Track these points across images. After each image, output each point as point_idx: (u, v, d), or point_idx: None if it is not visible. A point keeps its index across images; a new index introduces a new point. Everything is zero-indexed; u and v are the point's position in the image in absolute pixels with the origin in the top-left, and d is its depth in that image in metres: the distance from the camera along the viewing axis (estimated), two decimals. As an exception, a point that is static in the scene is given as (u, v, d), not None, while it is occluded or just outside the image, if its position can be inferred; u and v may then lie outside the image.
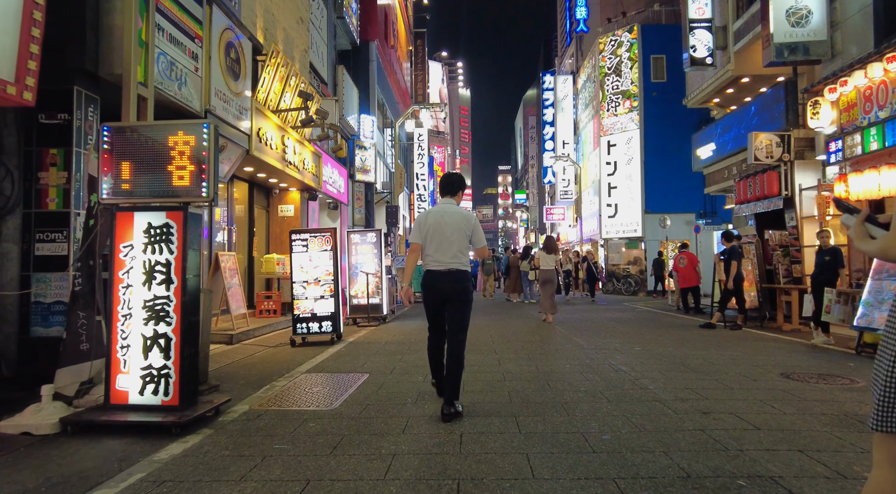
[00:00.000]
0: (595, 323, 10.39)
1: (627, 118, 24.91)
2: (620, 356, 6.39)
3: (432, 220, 4.10)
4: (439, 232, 4.05)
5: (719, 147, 14.04)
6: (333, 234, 7.88)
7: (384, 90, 21.88)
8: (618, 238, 24.88)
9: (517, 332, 8.92)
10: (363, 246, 10.86)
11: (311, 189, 11.02)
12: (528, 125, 56.09)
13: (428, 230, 4.09)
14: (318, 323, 7.80)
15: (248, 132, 7.60)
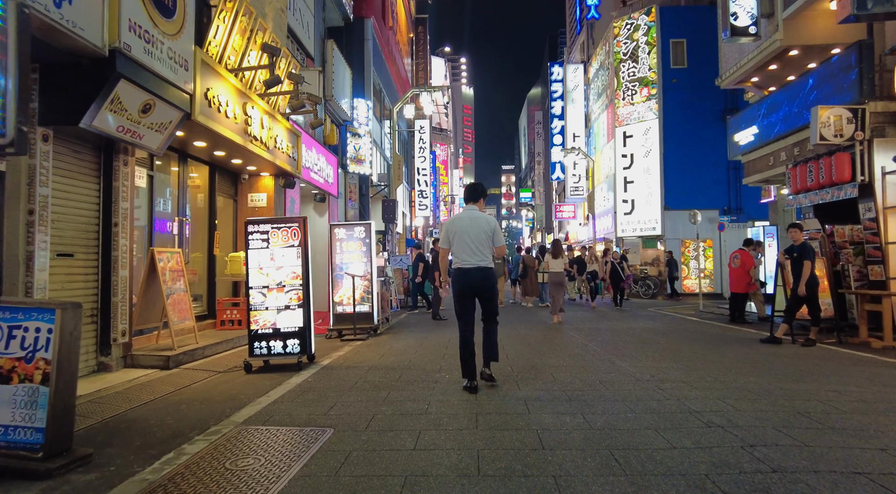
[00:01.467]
0: (631, 336, 8.53)
1: (645, 107, 23.07)
2: (694, 392, 4.55)
3: (458, 225, 4.79)
4: (465, 234, 4.71)
5: (763, 130, 12.17)
6: (303, 226, 6.06)
7: (381, 75, 20.08)
8: (635, 236, 23.02)
9: (539, 349, 7.08)
10: (350, 242, 9.04)
11: (287, 174, 9.21)
12: (535, 120, 54.29)
13: (455, 234, 4.78)
14: (281, 342, 5.97)
15: (191, 91, 5.78)
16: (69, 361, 3.00)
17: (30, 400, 2.93)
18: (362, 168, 16.23)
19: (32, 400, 2.93)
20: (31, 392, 2.94)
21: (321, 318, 10.39)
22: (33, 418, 2.92)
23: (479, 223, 4.78)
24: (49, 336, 2.96)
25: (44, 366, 2.95)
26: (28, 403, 2.93)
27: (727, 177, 22.71)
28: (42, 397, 2.92)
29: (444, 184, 48.60)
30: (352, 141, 16.02)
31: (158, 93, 5.15)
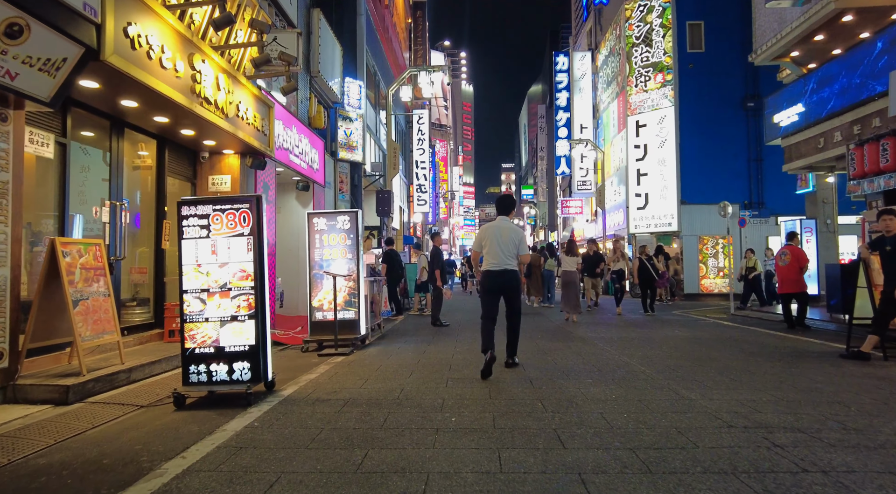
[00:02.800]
0: (675, 349, 6.95)
1: (660, 94, 21.48)
2: (834, 455, 2.96)
3: (490, 233, 5.55)
4: (496, 241, 5.47)
5: (812, 107, 10.60)
6: (255, 207, 4.47)
7: (376, 57, 18.49)
8: (648, 233, 21.44)
9: (571, 371, 5.49)
10: (332, 235, 7.45)
11: (255, 152, 7.61)
12: (538, 114, 52.68)
13: (487, 240, 5.53)
14: (226, 366, 4.38)
15: (97, 19, 4.18)
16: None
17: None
18: (354, 155, 14.64)
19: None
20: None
21: (300, 325, 8.81)
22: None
23: (508, 233, 5.50)
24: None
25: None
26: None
27: (748, 169, 21.16)
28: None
29: (444, 181, 47.06)
30: (342, 125, 14.43)
31: (33, 9, 3.56)
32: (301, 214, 11.34)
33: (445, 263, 21.43)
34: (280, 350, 7.42)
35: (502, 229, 5.52)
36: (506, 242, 5.44)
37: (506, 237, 5.46)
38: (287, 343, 7.89)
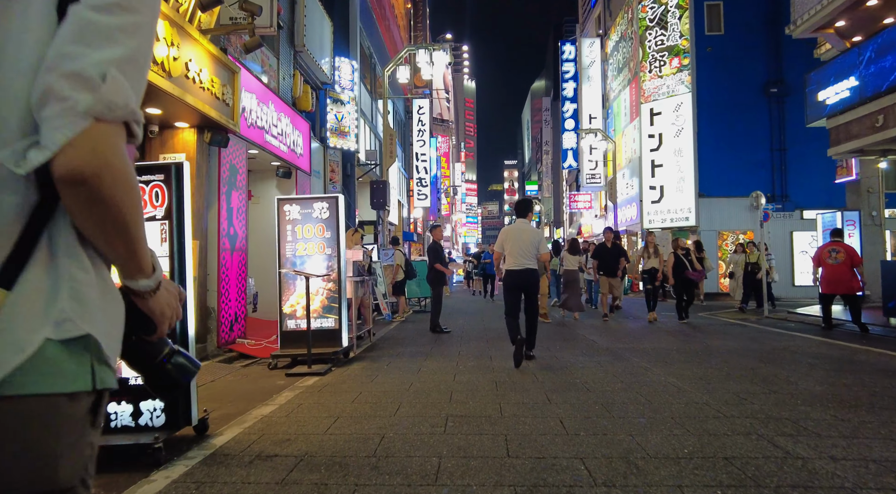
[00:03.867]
0: (738, 369, 5.61)
1: (676, 79, 20.10)
2: None
3: (511, 235, 5.85)
4: (517, 242, 5.78)
5: (869, 80, 9.23)
6: (174, 178, 3.18)
7: (372, 37, 17.14)
8: (663, 228, 20.07)
9: (623, 419, 4.16)
10: (306, 225, 6.13)
11: (215, 125, 6.29)
12: (543, 107, 51.25)
13: (508, 242, 5.83)
14: (129, 405, 3.08)
15: None
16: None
17: None
18: (346, 142, 13.32)
19: None
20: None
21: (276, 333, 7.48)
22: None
23: (527, 234, 5.85)
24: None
25: None
26: None
27: (771, 159, 19.74)
28: None
29: (446, 177, 45.73)
30: (333, 108, 13.10)
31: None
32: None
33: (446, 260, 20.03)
34: (244, 365, 6.12)
35: (522, 231, 5.88)
36: (525, 243, 5.78)
37: (525, 238, 5.80)
38: (258, 355, 6.59)
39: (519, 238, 5.82)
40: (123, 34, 0.72)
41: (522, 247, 5.76)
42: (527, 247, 5.77)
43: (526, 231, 5.90)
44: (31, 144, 0.67)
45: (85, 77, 0.67)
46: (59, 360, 0.70)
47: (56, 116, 0.66)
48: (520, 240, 5.80)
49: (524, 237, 5.81)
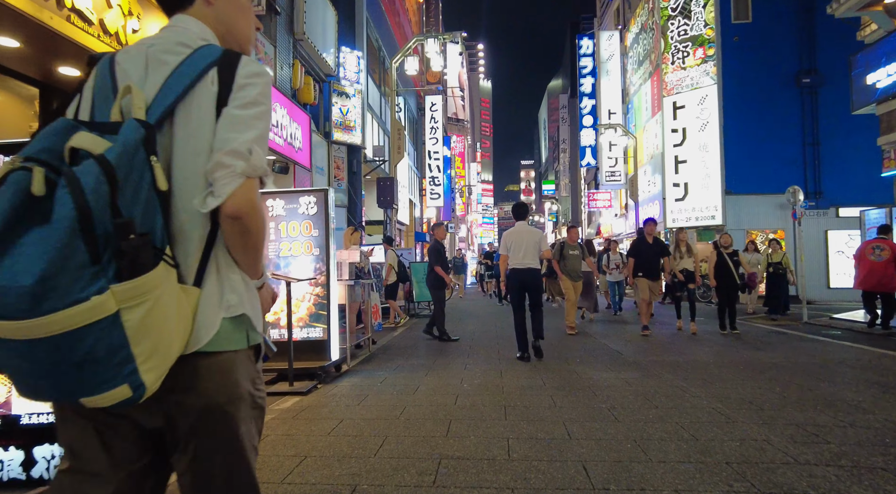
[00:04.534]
0: (799, 391, 4.77)
1: (700, 71, 19.11)
2: None
3: (514, 237, 6.34)
4: (520, 244, 6.25)
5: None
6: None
7: (381, 29, 16.46)
8: (688, 227, 19.05)
9: (646, 438, 3.36)
10: (291, 222, 5.43)
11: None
12: (560, 104, 50.24)
13: (512, 244, 6.29)
14: (21, 451, 2.36)
15: None
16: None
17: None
18: (352, 137, 12.66)
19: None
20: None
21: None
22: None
23: (529, 236, 6.33)
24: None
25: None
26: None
27: (803, 154, 18.59)
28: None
29: (461, 178, 45.01)
30: (338, 101, 12.45)
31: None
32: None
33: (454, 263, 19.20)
34: (223, 380, 5.44)
35: (523, 233, 6.35)
36: (527, 244, 6.23)
37: (527, 239, 6.27)
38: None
39: (521, 239, 6.28)
40: (256, 120, 1.12)
41: (525, 248, 6.22)
42: (529, 248, 6.22)
43: (526, 232, 6.37)
44: (208, 194, 1.07)
45: (239, 152, 1.07)
46: (230, 330, 1.13)
47: (223, 177, 1.05)
48: (522, 241, 6.27)
49: (526, 238, 6.28)
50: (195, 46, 1.13)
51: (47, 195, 0.92)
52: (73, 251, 0.88)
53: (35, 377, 0.94)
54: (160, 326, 0.97)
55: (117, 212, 0.92)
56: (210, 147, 1.07)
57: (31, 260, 0.87)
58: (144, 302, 0.95)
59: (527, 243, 6.24)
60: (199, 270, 1.09)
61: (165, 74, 1.09)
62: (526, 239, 6.27)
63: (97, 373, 0.93)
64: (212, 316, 1.09)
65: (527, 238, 6.28)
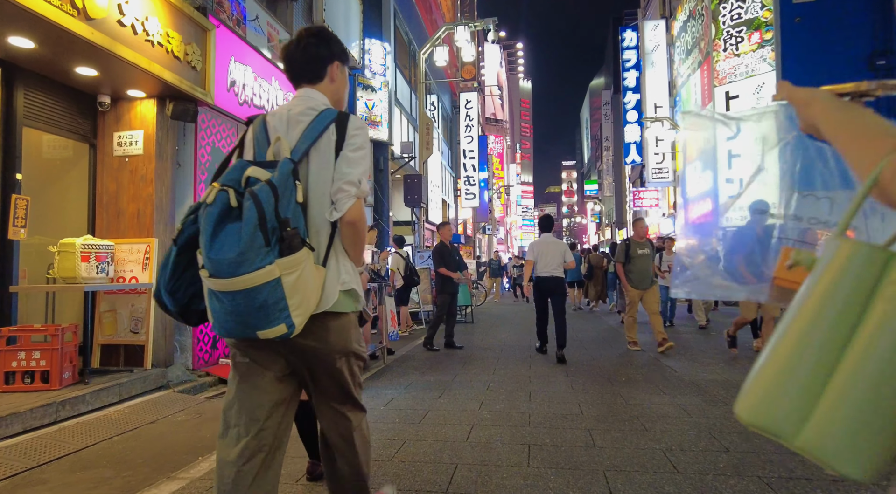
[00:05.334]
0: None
1: (756, 57, 17.63)
2: None
3: (540, 248, 6.69)
4: (546, 253, 6.62)
5: None
6: None
7: (410, 21, 15.82)
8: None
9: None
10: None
11: (178, 94, 5.01)
12: (603, 101, 48.61)
13: (539, 254, 6.65)
14: None
15: None
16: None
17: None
18: (378, 133, 12.02)
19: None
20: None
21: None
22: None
23: (554, 246, 6.70)
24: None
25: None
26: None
27: (874, 145, 16.82)
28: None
29: (500, 179, 44.05)
30: (363, 96, 11.84)
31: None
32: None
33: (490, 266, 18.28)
34: (211, 397, 4.79)
35: (549, 244, 6.71)
36: (553, 254, 6.60)
37: (552, 250, 6.63)
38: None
39: (547, 249, 6.66)
40: (362, 160, 1.66)
41: (551, 258, 6.59)
42: (554, 257, 6.59)
43: (552, 243, 6.74)
44: (332, 209, 1.61)
45: (353, 182, 1.60)
46: (344, 299, 1.66)
47: (343, 198, 1.59)
48: (548, 250, 6.64)
49: (551, 249, 6.65)
50: (319, 110, 1.70)
51: (238, 205, 1.49)
52: (256, 238, 1.43)
53: (232, 318, 1.49)
54: (304, 288, 1.51)
55: (279, 215, 1.48)
56: (331, 176, 1.63)
57: (233, 243, 1.43)
58: (295, 271, 1.48)
59: (552, 253, 6.62)
60: (325, 257, 1.63)
61: (302, 129, 1.67)
62: (552, 249, 6.65)
63: (268, 315, 1.46)
64: (333, 288, 1.64)
65: (552, 248, 6.66)
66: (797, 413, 0.62)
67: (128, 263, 4.92)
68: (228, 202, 1.47)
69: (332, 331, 1.63)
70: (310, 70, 1.80)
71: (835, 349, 0.62)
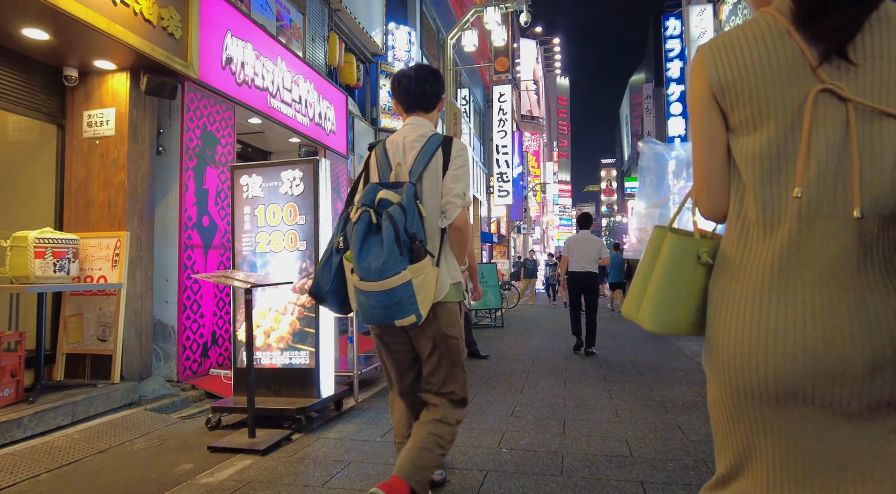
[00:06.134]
0: None
1: (819, 37, 15.93)
2: None
3: (576, 244, 6.98)
4: (582, 249, 6.89)
5: None
6: None
7: (438, 7, 15.04)
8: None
9: None
10: (271, 206, 4.00)
11: (154, 66, 4.34)
12: (644, 94, 46.76)
13: (575, 250, 6.93)
14: None
15: None
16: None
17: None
18: (401, 123, 11.22)
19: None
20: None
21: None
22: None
23: (590, 243, 6.98)
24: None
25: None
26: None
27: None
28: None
29: (536, 177, 42.85)
30: (386, 84, 11.10)
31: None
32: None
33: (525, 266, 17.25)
34: (185, 417, 4.08)
35: (585, 240, 7.04)
36: (588, 251, 6.90)
37: (588, 247, 6.93)
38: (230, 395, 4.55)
39: (584, 245, 6.92)
40: (465, 175, 2.10)
41: (585, 254, 6.85)
42: (589, 254, 6.85)
43: (588, 240, 7.02)
44: (442, 218, 2.06)
45: (459, 195, 2.05)
46: (453, 290, 2.09)
47: (452, 208, 2.04)
48: (585, 247, 6.91)
49: (587, 246, 6.92)
50: (428, 136, 2.12)
51: (378, 223, 1.90)
52: (393, 250, 1.81)
53: (377, 310, 1.88)
54: (427, 286, 1.92)
55: (408, 231, 1.86)
56: (440, 191, 2.06)
57: (377, 254, 1.83)
58: (421, 274, 1.88)
59: (587, 249, 6.89)
60: (438, 258, 2.04)
61: (415, 154, 2.09)
62: (587, 245, 6.93)
63: (402, 308, 1.86)
64: (445, 283, 2.05)
65: (588, 244, 6.94)
66: (637, 305, 1.16)
67: (96, 260, 4.28)
68: (370, 220, 1.90)
69: (442, 316, 2.06)
70: (426, 102, 2.21)
71: (649, 273, 1.15)
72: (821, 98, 0.90)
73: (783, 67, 0.93)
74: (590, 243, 6.94)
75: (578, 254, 6.87)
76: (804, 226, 0.91)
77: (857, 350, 0.86)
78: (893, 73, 0.87)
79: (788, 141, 0.92)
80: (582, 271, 6.86)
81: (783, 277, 0.93)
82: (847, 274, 0.88)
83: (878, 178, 0.88)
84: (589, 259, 6.83)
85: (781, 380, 0.90)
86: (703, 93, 1.03)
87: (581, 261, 6.84)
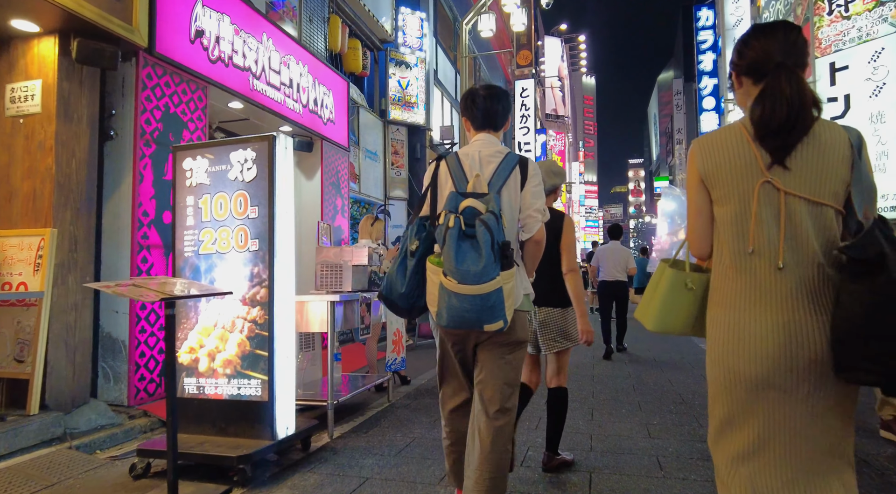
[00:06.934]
0: None
1: (872, 18, 14.51)
2: None
3: (606, 254, 7.41)
4: (613, 259, 7.34)
5: None
6: None
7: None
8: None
9: None
10: (218, 195, 3.17)
11: (88, 28, 3.58)
12: (674, 91, 45.10)
13: (604, 260, 7.40)
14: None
15: None
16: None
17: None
18: (413, 115, 10.47)
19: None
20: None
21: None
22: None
23: (619, 253, 7.39)
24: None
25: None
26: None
27: None
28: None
29: (561, 177, 41.48)
30: (396, 73, 10.32)
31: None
32: (303, 186, 7.33)
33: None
34: (115, 457, 3.29)
35: (615, 251, 7.42)
36: (617, 260, 7.35)
37: (617, 256, 7.37)
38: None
39: (615, 256, 7.36)
40: (541, 192, 2.12)
41: (615, 263, 7.33)
42: (619, 263, 7.33)
43: (618, 250, 7.41)
44: (521, 231, 2.11)
45: (539, 210, 2.08)
46: (525, 300, 2.10)
47: (532, 222, 2.07)
48: (615, 257, 7.35)
49: (617, 255, 7.36)
50: (504, 153, 2.14)
51: (469, 229, 1.90)
52: (489, 256, 1.84)
53: (470, 314, 1.87)
54: (513, 293, 1.94)
55: (500, 238, 1.89)
56: (517, 206, 2.09)
57: (475, 259, 1.85)
58: (510, 281, 1.91)
59: (616, 260, 7.32)
60: (505, 266, 1.95)
61: (493, 168, 2.11)
62: (616, 256, 7.35)
63: (493, 313, 1.87)
64: (520, 292, 2.05)
65: (616, 255, 7.35)
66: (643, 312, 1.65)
67: (16, 263, 3.54)
68: (460, 226, 1.94)
69: (517, 323, 2.09)
70: (496, 121, 2.28)
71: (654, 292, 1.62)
72: (763, 187, 1.38)
73: (743, 165, 1.43)
74: (619, 253, 7.41)
75: (609, 264, 7.35)
76: (759, 271, 1.39)
77: (799, 353, 1.32)
78: (813, 174, 1.34)
79: (746, 214, 1.40)
80: (613, 280, 7.36)
81: (750, 305, 1.40)
82: (789, 303, 1.35)
83: (801, 239, 1.35)
84: (619, 268, 7.34)
85: (753, 374, 1.36)
86: (695, 177, 1.52)
87: (612, 271, 7.33)
